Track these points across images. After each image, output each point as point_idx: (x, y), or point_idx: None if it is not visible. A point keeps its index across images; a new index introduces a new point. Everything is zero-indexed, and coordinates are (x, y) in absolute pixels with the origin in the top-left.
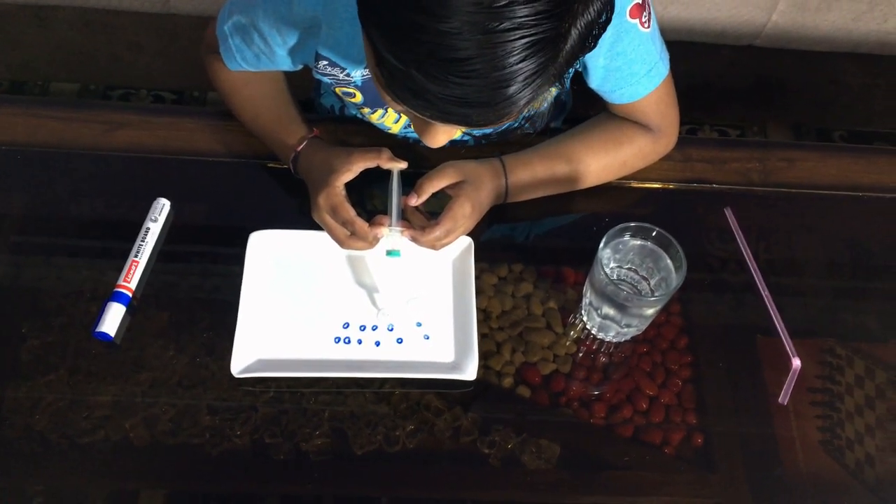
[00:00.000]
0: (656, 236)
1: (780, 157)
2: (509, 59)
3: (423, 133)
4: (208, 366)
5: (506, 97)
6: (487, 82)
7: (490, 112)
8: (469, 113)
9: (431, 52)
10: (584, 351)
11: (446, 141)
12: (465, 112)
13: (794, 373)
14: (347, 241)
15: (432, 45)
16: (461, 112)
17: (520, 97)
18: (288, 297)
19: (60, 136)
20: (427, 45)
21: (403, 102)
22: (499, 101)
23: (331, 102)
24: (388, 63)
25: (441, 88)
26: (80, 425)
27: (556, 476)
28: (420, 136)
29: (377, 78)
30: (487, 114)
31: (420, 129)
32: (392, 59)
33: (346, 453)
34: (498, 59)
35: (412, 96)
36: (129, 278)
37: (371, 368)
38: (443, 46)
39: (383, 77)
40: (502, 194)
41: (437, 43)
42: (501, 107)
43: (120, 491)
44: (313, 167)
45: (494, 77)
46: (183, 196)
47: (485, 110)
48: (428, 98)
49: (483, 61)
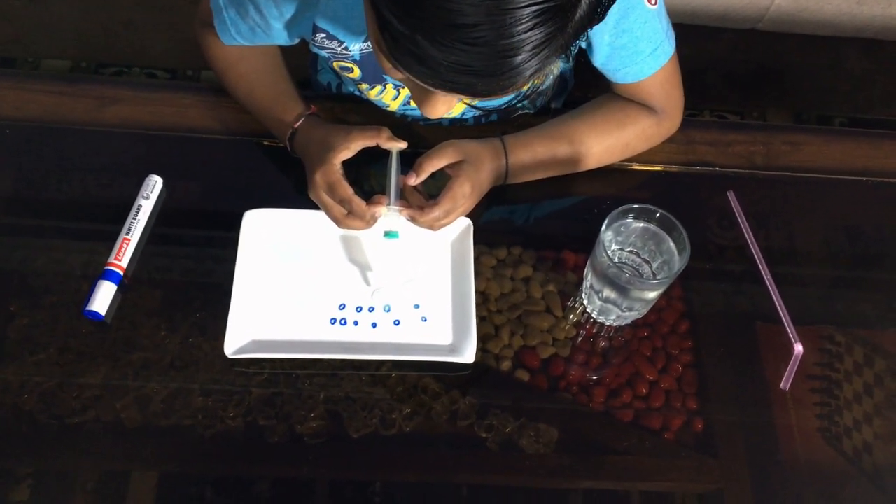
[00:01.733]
0: (660, 218)
1: (784, 141)
2: (517, 27)
3: (422, 103)
4: (201, 346)
5: (512, 66)
6: (494, 50)
7: (495, 82)
8: (474, 82)
9: (438, 16)
10: (584, 335)
11: (445, 112)
12: (469, 81)
13: (795, 358)
14: (344, 220)
15: (439, 10)
16: (465, 81)
17: (526, 67)
18: (283, 277)
19: (52, 110)
20: (434, 9)
21: (406, 70)
22: (504, 71)
23: (328, 79)
24: (392, 27)
25: (446, 55)
26: (70, 405)
27: (555, 461)
28: (419, 106)
29: (378, 45)
30: (492, 83)
31: (419, 99)
32: (397, 22)
33: (342, 436)
34: (506, 27)
35: (416, 63)
36: (121, 256)
37: (367, 350)
38: (450, 11)
39: (386, 43)
40: (502, 175)
41: (445, 7)
42: (507, 77)
43: (111, 472)
44: (311, 144)
45: (501, 45)
46: (176, 173)
47: (490, 80)
48: (432, 65)
49: (490, 28)
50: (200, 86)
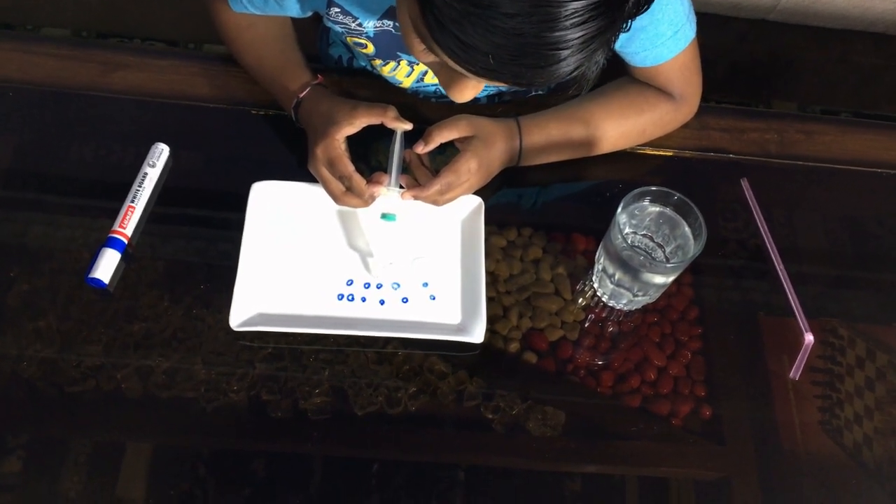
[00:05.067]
0: (676, 202)
1: (799, 130)
2: (569, 20)
3: (451, 86)
4: (205, 318)
5: (559, 59)
6: (543, 41)
7: (540, 72)
8: (519, 72)
9: (491, 3)
10: (593, 318)
11: (474, 96)
12: (513, 70)
13: (806, 348)
14: (342, 196)
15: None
16: (509, 70)
17: (573, 60)
18: (290, 250)
19: (56, 74)
20: None
21: (448, 55)
22: (551, 63)
23: (339, 53)
24: (438, 12)
25: (493, 44)
26: (69, 374)
27: (562, 444)
28: (446, 90)
29: (416, 27)
30: (537, 74)
31: (448, 83)
32: (445, 7)
33: (347, 413)
34: (558, 20)
35: (459, 48)
36: (125, 224)
37: (374, 327)
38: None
39: (427, 27)
40: (515, 156)
41: None
42: (553, 68)
43: (109, 443)
44: (314, 116)
45: (551, 38)
46: (183, 142)
47: (536, 70)
48: (475, 53)
49: (542, 20)
50: (208, 54)
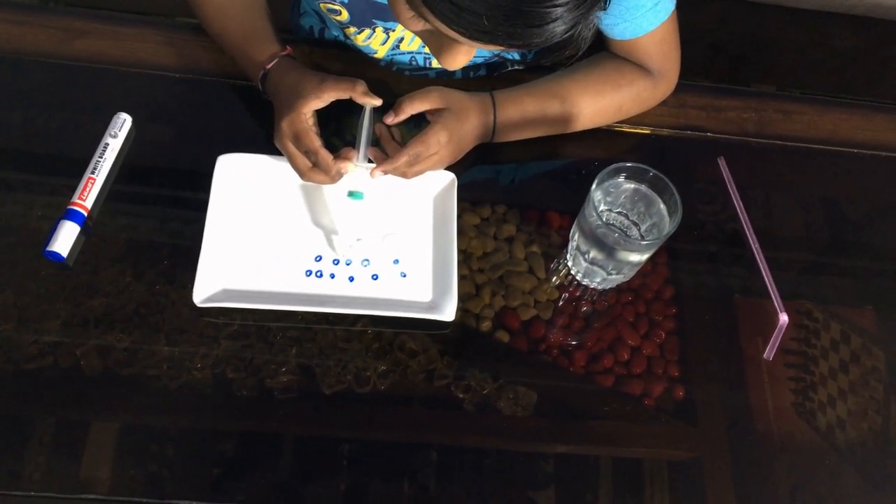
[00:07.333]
0: (652, 179)
1: (777, 109)
2: None
3: (442, 53)
4: (168, 294)
5: (555, 17)
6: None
7: (537, 31)
8: (513, 31)
9: None
10: (567, 297)
11: (467, 62)
12: (508, 31)
13: (780, 328)
14: (308, 172)
15: None
16: (504, 30)
17: (570, 17)
18: (257, 225)
19: (16, 41)
20: None
21: (440, 19)
22: (548, 22)
23: (311, 23)
24: None
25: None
26: (27, 350)
27: (533, 423)
28: (438, 58)
29: None
30: (533, 34)
31: (438, 50)
32: None
33: (314, 392)
34: None
35: (453, 12)
36: (85, 196)
37: (343, 304)
38: None
39: None
40: (489, 132)
41: None
42: (549, 28)
43: (69, 421)
44: (281, 88)
45: None
46: (147, 113)
47: (531, 30)
48: (471, 16)
49: None
50: (175, 22)
